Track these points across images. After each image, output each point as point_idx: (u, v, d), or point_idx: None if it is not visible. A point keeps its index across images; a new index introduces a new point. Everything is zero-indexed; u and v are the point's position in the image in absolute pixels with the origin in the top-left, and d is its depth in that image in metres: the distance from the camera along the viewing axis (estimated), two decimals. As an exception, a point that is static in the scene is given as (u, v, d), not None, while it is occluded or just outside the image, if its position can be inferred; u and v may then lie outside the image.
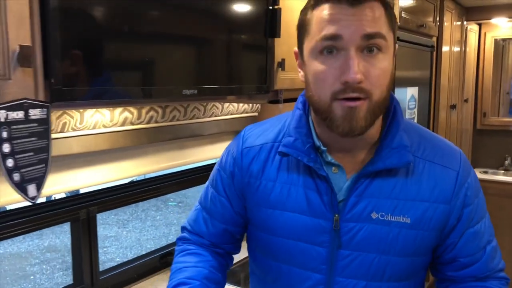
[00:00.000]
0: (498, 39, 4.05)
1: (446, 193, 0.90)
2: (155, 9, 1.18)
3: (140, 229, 6.59)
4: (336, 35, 0.81)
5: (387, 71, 0.84)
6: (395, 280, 0.91)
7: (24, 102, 0.92)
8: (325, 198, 0.90)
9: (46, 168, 0.99)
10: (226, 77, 1.46)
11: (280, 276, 0.97)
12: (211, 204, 1.06)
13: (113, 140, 1.56)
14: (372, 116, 0.84)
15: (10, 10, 0.89)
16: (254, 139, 1.02)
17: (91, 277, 1.65)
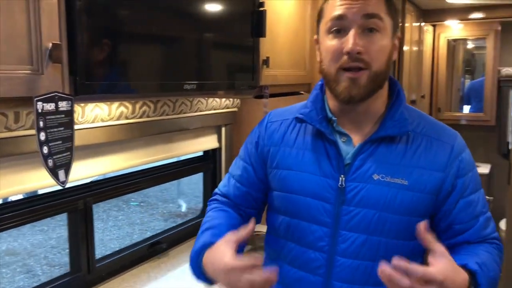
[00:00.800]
0: (450, 40, 4.34)
1: (441, 162, 1.04)
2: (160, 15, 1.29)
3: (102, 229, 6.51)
4: (342, 15, 1.00)
5: (385, 48, 1.02)
6: (393, 237, 1.03)
7: (55, 95, 1.00)
8: (333, 162, 1.06)
9: (71, 155, 1.08)
10: (219, 73, 1.57)
11: (291, 230, 1.10)
12: (238, 170, 1.23)
13: (109, 133, 1.64)
14: (372, 85, 1.01)
15: (43, 11, 0.98)
16: (278, 115, 1.21)
17: (88, 265, 1.72)
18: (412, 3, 3.24)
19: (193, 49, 1.43)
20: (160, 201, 7.77)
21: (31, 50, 0.97)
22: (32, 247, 5.76)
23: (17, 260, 5.44)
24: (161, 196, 8.02)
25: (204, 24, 1.46)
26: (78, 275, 1.69)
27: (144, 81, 1.24)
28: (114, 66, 1.16)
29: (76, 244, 1.70)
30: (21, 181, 1.38)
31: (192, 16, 1.41)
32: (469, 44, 4.82)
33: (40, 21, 0.97)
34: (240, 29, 1.66)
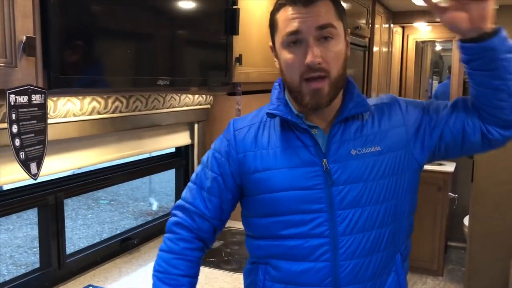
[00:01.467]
0: (418, 41, 4.45)
1: (398, 119, 1.15)
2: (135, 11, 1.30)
3: (71, 228, 6.41)
4: (297, 30, 1.05)
5: (340, 53, 1.08)
6: (383, 201, 1.10)
7: (28, 88, 1.01)
8: (311, 149, 1.10)
9: (44, 148, 1.08)
10: (193, 70, 1.59)
11: (287, 228, 1.11)
12: (207, 182, 1.20)
13: (81, 128, 1.64)
14: (334, 91, 1.08)
15: (17, 4, 0.98)
16: (242, 123, 1.21)
17: (59, 260, 1.71)
18: (382, 5, 3.32)
19: (167, 45, 1.44)
20: (131, 200, 7.69)
21: (5, 43, 0.97)
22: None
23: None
24: (132, 195, 7.94)
25: (178, 20, 1.48)
26: (48, 270, 1.69)
27: (118, 76, 1.25)
28: (89, 61, 1.16)
29: (47, 239, 1.69)
30: None
31: (165, 12, 1.42)
32: (437, 46, 4.96)
33: (14, 14, 0.97)
34: (214, 27, 1.68)
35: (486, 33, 0.97)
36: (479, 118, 1.10)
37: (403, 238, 1.16)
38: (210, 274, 1.85)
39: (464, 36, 1.00)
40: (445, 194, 4.07)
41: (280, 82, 1.19)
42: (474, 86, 1.07)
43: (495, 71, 1.00)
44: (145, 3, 1.33)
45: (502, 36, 0.99)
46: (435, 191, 4.06)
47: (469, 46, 1.00)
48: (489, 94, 1.04)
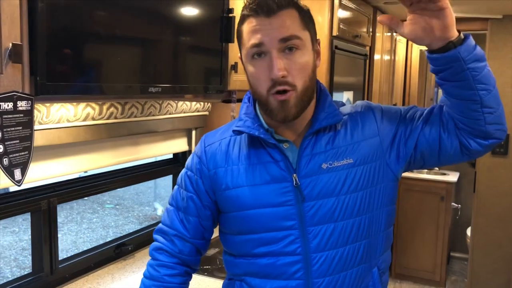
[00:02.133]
0: (423, 50, 4.43)
1: (372, 129, 1.11)
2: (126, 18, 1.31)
3: (76, 231, 6.45)
4: (259, 43, 1.01)
5: (307, 64, 1.04)
6: (357, 215, 1.07)
7: (13, 95, 1.01)
8: (281, 164, 1.08)
9: (29, 155, 1.09)
10: (187, 77, 1.59)
11: (260, 246, 1.09)
12: (183, 202, 1.20)
13: (75, 134, 1.65)
14: (301, 103, 1.04)
15: (4, 11, 0.98)
16: (213, 138, 1.20)
17: (51, 265, 1.71)
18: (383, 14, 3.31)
19: (160, 52, 1.45)
20: (136, 204, 7.72)
21: (-10, 50, 0.98)
22: (2, 248, 5.66)
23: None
24: (137, 199, 7.97)
25: (172, 27, 1.48)
26: (40, 276, 1.69)
27: (107, 83, 1.25)
28: (77, 68, 1.17)
29: (39, 244, 1.70)
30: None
31: (159, 19, 1.42)
32: (442, 55, 4.93)
33: (0, 21, 0.98)
34: (209, 34, 1.68)
35: (451, 42, 0.94)
36: (456, 127, 1.06)
37: (379, 252, 1.13)
38: (202, 282, 1.84)
39: (430, 47, 0.97)
40: (448, 204, 4.04)
41: (250, 95, 1.17)
42: (447, 96, 1.04)
43: (464, 81, 0.97)
44: (135, 9, 1.33)
45: (469, 45, 0.95)
46: (437, 201, 4.03)
47: (435, 57, 0.97)
48: (462, 105, 1.00)
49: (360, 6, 2.80)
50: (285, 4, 1.02)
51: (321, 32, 2.40)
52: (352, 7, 2.67)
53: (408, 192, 4.07)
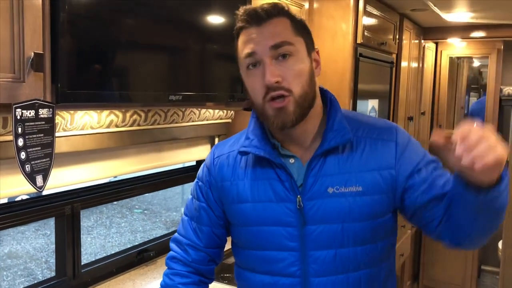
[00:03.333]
0: (453, 57, 4.34)
1: (389, 160, 1.06)
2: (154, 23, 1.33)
3: (104, 235, 6.56)
4: (252, 52, 1.01)
5: (302, 70, 1.02)
6: (360, 243, 1.04)
7: (35, 102, 1.04)
8: (287, 184, 1.05)
9: (50, 161, 1.11)
10: (207, 85, 1.60)
11: (260, 263, 1.10)
12: (196, 212, 1.21)
13: (98, 141, 1.68)
14: (300, 109, 1.01)
15: (27, 21, 1.02)
16: (222, 150, 1.19)
17: (73, 270, 1.74)
18: (411, 21, 3.26)
19: (180, 61, 1.46)
20: (164, 209, 7.81)
21: (13, 59, 1.01)
22: (34, 250, 5.81)
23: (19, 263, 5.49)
24: (164, 204, 8.06)
25: (193, 35, 1.49)
26: (63, 280, 1.72)
27: (127, 91, 1.28)
28: (97, 76, 1.19)
29: (63, 248, 1.73)
30: (8, 185, 1.42)
31: (184, 27, 1.44)
32: (475, 62, 4.82)
33: (23, 31, 1.01)
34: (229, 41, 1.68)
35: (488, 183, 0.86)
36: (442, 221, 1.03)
37: (381, 282, 1.10)
38: (222, 290, 1.84)
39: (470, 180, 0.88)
40: (479, 215, 3.92)
41: None
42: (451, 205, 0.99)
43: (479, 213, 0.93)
44: (160, 17, 1.35)
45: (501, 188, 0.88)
46: (467, 212, 3.92)
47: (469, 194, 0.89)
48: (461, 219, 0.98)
49: (385, 13, 2.76)
50: (275, 12, 1.02)
51: (345, 40, 2.38)
52: (377, 14, 2.64)
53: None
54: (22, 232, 6.26)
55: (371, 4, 2.51)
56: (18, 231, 6.23)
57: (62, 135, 1.53)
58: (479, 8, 2.76)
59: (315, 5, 2.41)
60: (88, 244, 6.17)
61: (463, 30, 3.57)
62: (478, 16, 2.96)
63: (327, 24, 2.40)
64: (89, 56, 1.17)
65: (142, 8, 1.31)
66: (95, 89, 1.19)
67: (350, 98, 2.41)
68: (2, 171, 1.38)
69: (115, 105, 1.42)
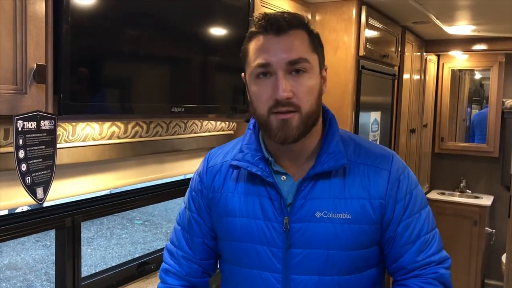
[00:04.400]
0: (455, 70, 4.34)
1: (380, 190, 1.03)
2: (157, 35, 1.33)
3: (105, 247, 6.52)
4: (266, 63, 0.97)
5: (313, 88, 0.99)
6: (345, 273, 1.01)
7: (37, 114, 1.03)
8: (275, 203, 1.03)
9: (51, 173, 1.10)
10: (209, 97, 1.60)
11: (242, 280, 1.08)
12: (188, 223, 1.19)
13: (100, 152, 1.67)
14: (304, 126, 0.99)
15: (30, 33, 1.01)
16: (216, 159, 1.16)
17: (73, 283, 1.72)
18: (413, 33, 3.27)
19: (182, 73, 1.46)
20: (165, 221, 7.78)
21: (16, 70, 1.01)
22: (34, 262, 5.78)
23: (18, 274, 5.46)
24: (165, 216, 8.03)
25: (195, 47, 1.50)
26: (62, 292, 1.70)
27: (130, 103, 1.27)
28: (100, 88, 1.19)
29: (63, 261, 1.71)
30: (8, 196, 1.41)
31: (183, 39, 1.44)
32: (476, 74, 4.82)
33: (26, 43, 1.01)
34: (234, 53, 1.68)
35: None
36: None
37: None
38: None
39: None
40: (482, 229, 3.89)
41: (255, 122, 1.11)
42: None
43: None
44: (162, 29, 1.35)
45: None
46: (470, 225, 3.90)
47: None
48: None
49: (388, 26, 2.77)
50: (296, 24, 0.99)
51: (347, 52, 2.38)
52: (379, 27, 2.65)
53: (440, 215, 3.95)
54: (22, 243, 6.23)
55: (373, 17, 2.52)
56: (18, 242, 6.20)
57: (64, 146, 1.52)
58: (481, 21, 2.77)
59: (317, 18, 2.42)
60: (88, 255, 6.14)
61: (465, 43, 3.58)
62: (480, 29, 2.97)
63: (330, 37, 2.40)
64: (92, 68, 1.16)
65: (145, 20, 1.31)
66: (97, 101, 1.18)
67: (353, 110, 2.41)
68: (2, 182, 1.37)
69: (118, 117, 1.41)
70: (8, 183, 1.39)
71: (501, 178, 4.25)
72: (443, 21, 2.83)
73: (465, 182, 4.35)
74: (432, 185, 4.41)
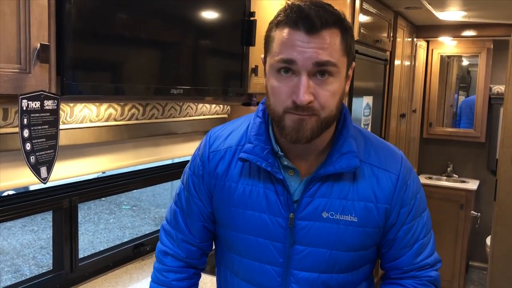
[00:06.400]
0: (443, 56, 4.38)
1: (387, 194, 1.02)
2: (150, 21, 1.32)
3: (93, 232, 6.51)
4: (291, 60, 0.89)
5: (336, 93, 0.93)
6: (344, 271, 1.03)
7: (41, 94, 1.03)
8: (282, 198, 1.00)
9: (55, 153, 1.11)
10: (208, 80, 1.61)
11: (242, 269, 1.08)
12: (187, 206, 1.15)
13: (97, 134, 1.67)
14: (319, 130, 0.94)
15: (33, 12, 1.01)
16: (220, 143, 1.09)
17: (71, 263, 1.74)
18: (405, 19, 3.29)
19: (182, 55, 1.46)
20: (153, 206, 7.77)
21: (20, 50, 1.00)
22: (21, 246, 5.75)
23: (6, 259, 5.43)
24: (153, 201, 8.02)
25: (195, 31, 1.50)
26: (60, 273, 1.71)
27: (131, 84, 1.27)
28: (102, 68, 1.19)
29: (60, 242, 1.72)
30: (7, 177, 1.41)
31: (182, 22, 1.44)
32: (464, 61, 4.88)
33: (29, 22, 1.01)
34: (230, 37, 1.69)
35: None
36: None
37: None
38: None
39: None
40: (467, 212, 3.98)
41: (264, 109, 1.04)
42: None
43: None
44: (161, 12, 1.35)
45: None
46: (456, 209, 3.98)
47: None
48: None
49: (381, 11, 2.79)
50: (330, 22, 0.90)
51: (341, 37, 2.39)
52: (373, 12, 2.66)
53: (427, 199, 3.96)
54: (9, 228, 6.19)
55: (367, 2, 2.53)
56: (4, 227, 6.16)
57: (62, 128, 1.52)
58: (472, 7, 2.80)
59: (311, 2, 2.42)
60: (77, 240, 6.12)
61: (454, 29, 3.61)
62: (471, 15, 3.00)
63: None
64: (95, 48, 1.16)
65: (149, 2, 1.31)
66: (100, 81, 1.18)
67: (346, 95, 2.43)
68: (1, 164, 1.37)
69: (119, 97, 1.41)
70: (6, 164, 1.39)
71: (487, 163, 4.33)
72: (435, 7, 2.86)
73: (452, 167, 4.42)
74: (420, 169, 4.47)
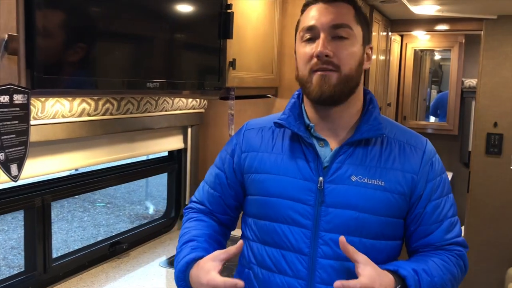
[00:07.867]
0: (417, 50, 4.44)
1: (414, 165, 1.10)
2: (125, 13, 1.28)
3: (66, 230, 6.39)
4: (312, 25, 1.08)
5: (354, 54, 1.08)
6: (372, 237, 1.07)
7: (10, 87, 0.98)
8: (312, 165, 1.09)
9: (25, 150, 1.06)
10: (185, 73, 1.57)
11: (270, 234, 1.12)
12: (211, 177, 1.28)
13: (70, 130, 1.62)
14: (341, 87, 1.07)
15: (1, 2, 0.96)
16: (255, 124, 1.25)
17: (44, 264, 1.68)
18: (380, 13, 3.30)
19: (159, 48, 1.42)
20: (127, 203, 7.66)
21: (-14, 41, 0.95)
22: (-9, 247, 5.60)
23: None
24: (128, 198, 7.91)
25: (171, 23, 1.46)
26: (33, 274, 1.65)
27: (106, 78, 1.23)
28: (75, 61, 1.14)
29: (32, 242, 1.66)
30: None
31: (158, 15, 1.40)
32: (436, 55, 4.94)
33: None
34: (207, 30, 1.66)
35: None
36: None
37: None
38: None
39: None
40: (441, 203, 4.03)
41: (300, 92, 1.20)
42: None
43: None
44: (135, 4, 1.31)
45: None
46: (431, 201, 4.03)
47: None
48: None
49: (356, 5, 2.78)
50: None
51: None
52: (349, 5, 2.66)
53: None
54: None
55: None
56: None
57: (33, 123, 1.46)
58: (446, 1, 2.82)
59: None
60: (50, 239, 5.98)
61: (428, 23, 3.65)
62: (444, 9, 3.03)
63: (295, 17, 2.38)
64: (66, 41, 1.11)
65: (119, -8, 1.26)
66: (72, 75, 1.14)
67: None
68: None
69: (93, 91, 1.36)
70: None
71: (460, 155, 4.41)
72: (410, 0, 2.87)
73: (426, 160, 4.47)
74: (394, 163, 4.50)
